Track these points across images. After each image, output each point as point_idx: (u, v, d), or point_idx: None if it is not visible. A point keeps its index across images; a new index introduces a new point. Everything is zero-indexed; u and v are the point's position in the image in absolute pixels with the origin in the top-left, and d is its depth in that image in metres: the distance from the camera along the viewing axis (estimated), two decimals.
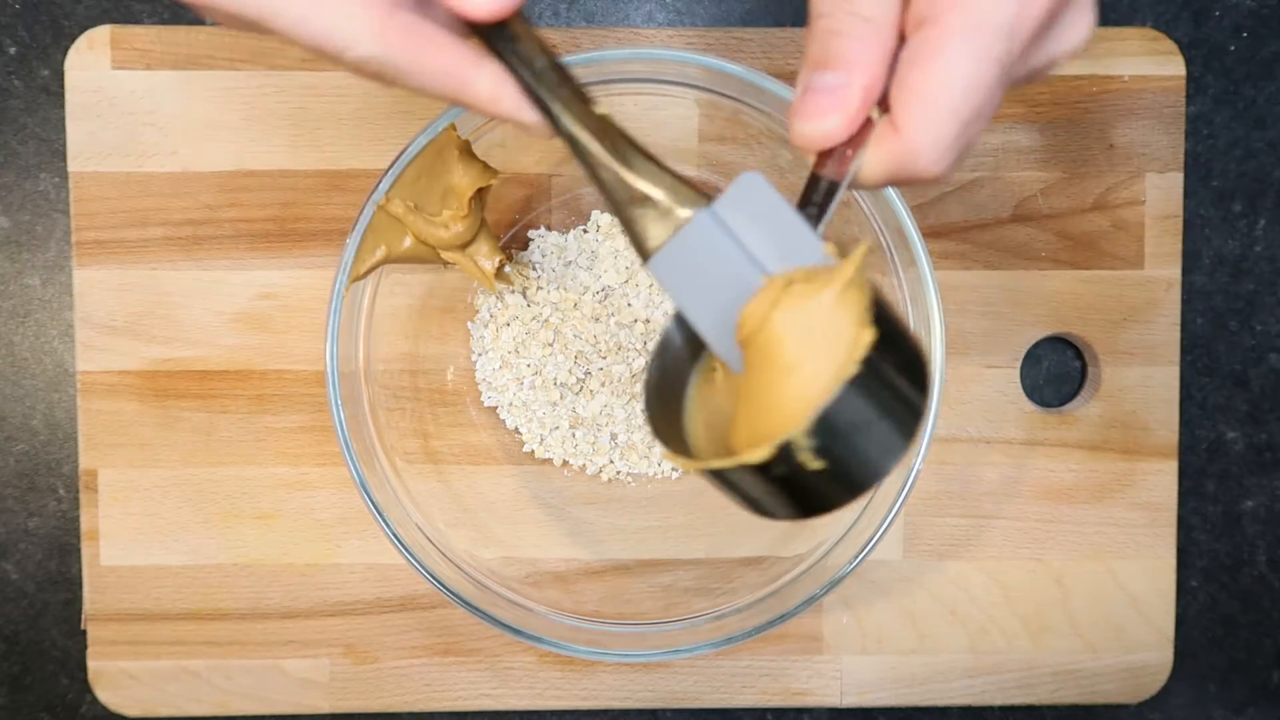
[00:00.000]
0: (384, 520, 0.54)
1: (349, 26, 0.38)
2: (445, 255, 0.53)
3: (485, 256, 0.53)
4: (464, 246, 0.53)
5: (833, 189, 0.38)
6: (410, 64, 0.39)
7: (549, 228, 0.60)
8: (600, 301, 0.59)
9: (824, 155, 0.39)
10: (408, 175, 0.51)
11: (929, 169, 0.37)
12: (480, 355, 0.60)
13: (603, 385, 0.59)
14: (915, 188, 0.46)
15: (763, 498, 0.38)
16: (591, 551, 0.61)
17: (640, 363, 0.59)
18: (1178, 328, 0.61)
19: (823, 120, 0.37)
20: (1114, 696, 0.62)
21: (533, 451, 0.60)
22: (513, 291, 0.59)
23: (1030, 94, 0.60)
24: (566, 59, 0.52)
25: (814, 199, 0.39)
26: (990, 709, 0.63)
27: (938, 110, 0.36)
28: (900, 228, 0.53)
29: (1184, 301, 0.62)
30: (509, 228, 0.60)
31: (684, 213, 0.39)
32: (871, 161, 0.38)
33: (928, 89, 0.36)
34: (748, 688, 0.62)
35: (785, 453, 0.35)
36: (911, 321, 0.55)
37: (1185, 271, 0.62)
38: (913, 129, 0.36)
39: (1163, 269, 0.60)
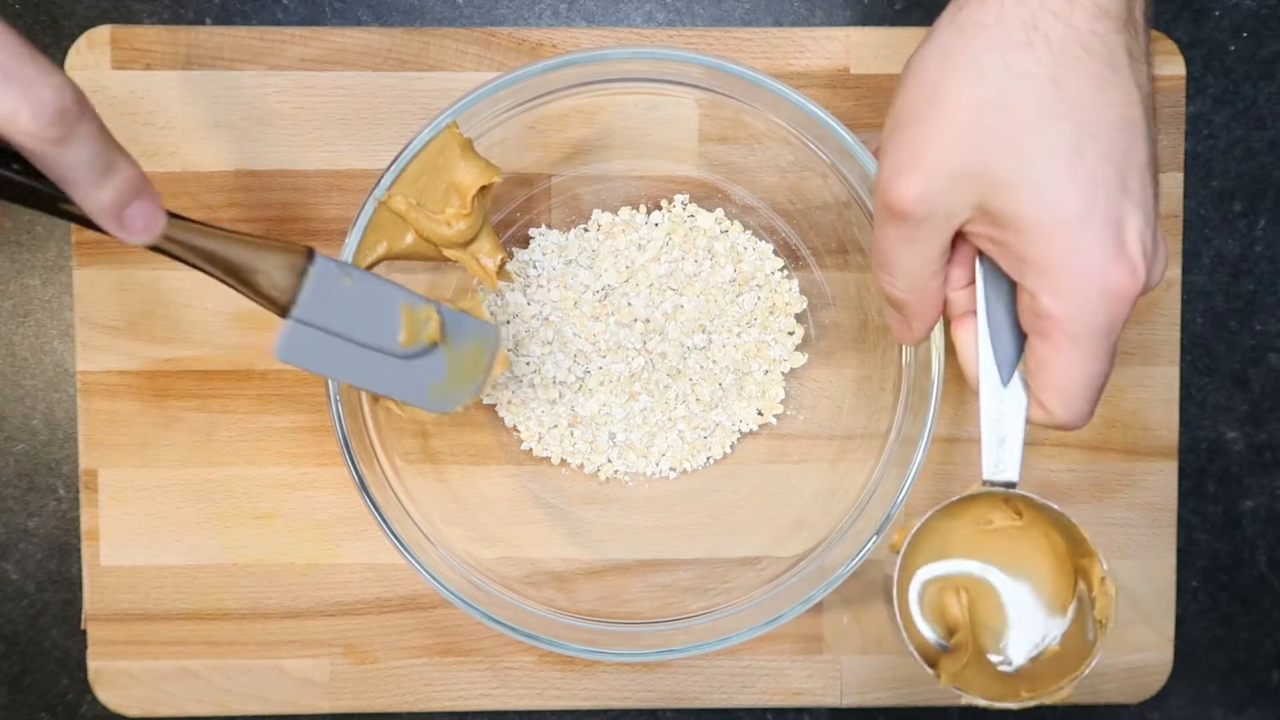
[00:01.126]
0: (383, 519, 0.54)
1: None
2: (448, 253, 0.53)
3: (487, 254, 0.53)
4: (466, 244, 0.53)
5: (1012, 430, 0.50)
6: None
7: (549, 226, 0.60)
8: (600, 300, 0.59)
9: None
10: (410, 172, 0.51)
11: (1078, 427, 0.47)
12: None
13: (602, 384, 0.59)
14: None
15: None
16: (590, 551, 0.61)
17: (640, 361, 0.59)
18: (1178, 328, 0.61)
19: (902, 340, 0.52)
20: (1114, 696, 0.62)
21: (531, 450, 0.60)
22: (513, 289, 0.59)
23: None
24: (564, 59, 0.52)
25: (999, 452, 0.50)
26: (990, 709, 0.63)
27: (1072, 400, 0.46)
28: None
29: (1184, 301, 0.62)
30: (509, 226, 0.60)
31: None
32: (1032, 416, 0.48)
33: (1063, 389, 0.46)
34: (747, 688, 0.62)
35: None
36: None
37: (1185, 271, 0.62)
38: (1060, 414, 0.47)
39: None
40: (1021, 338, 0.48)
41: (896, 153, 0.45)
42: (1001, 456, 0.49)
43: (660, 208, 0.60)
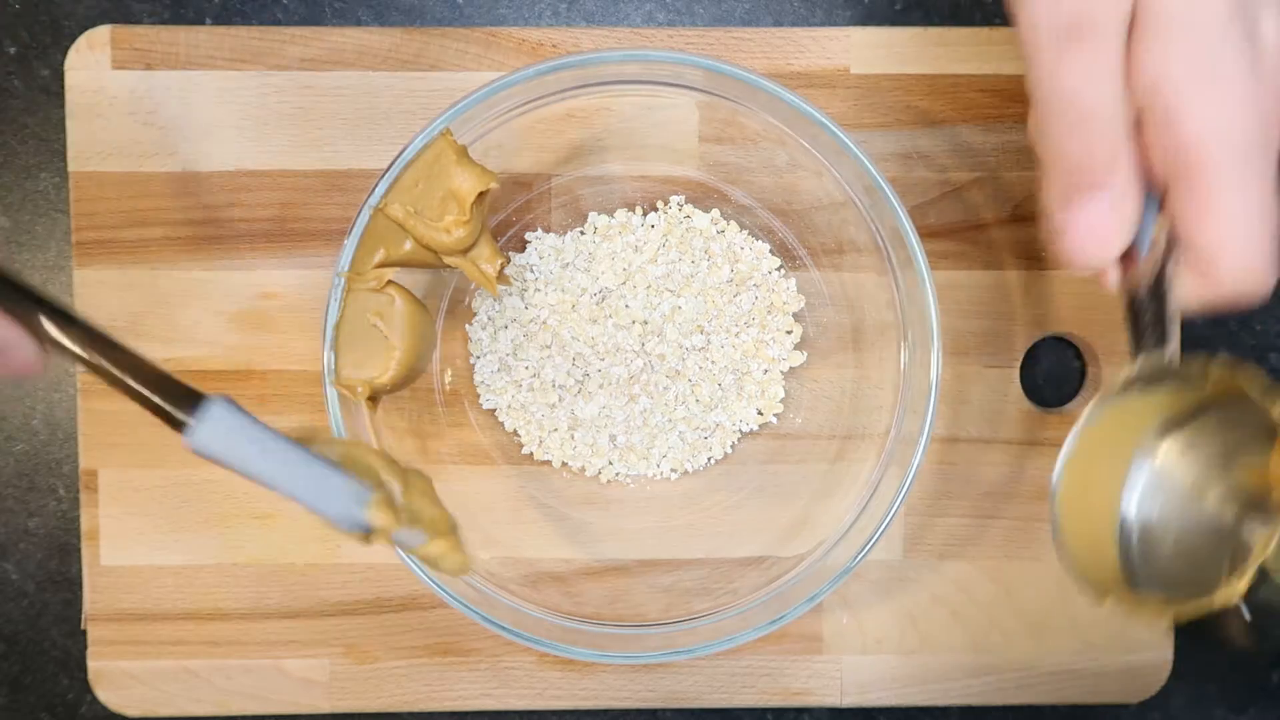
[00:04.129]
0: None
1: None
2: (447, 259, 0.53)
3: (487, 260, 0.53)
4: (466, 251, 0.53)
5: (1160, 307, 0.40)
6: None
7: (546, 230, 0.60)
8: (598, 303, 0.59)
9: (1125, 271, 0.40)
10: (406, 180, 0.51)
11: (1258, 297, 0.38)
12: (478, 357, 0.60)
13: (601, 387, 0.59)
14: None
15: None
16: (590, 552, 0.61)
17: (638, 363, 0.59)
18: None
19: (1103, 244, 0.39)
20: (1114, 696, 0.62)
21: (531, 453, 0.60)
22: (510, 294, 0.59)
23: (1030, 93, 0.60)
24: (560, 62, 0.52)
25: (1145, 323, 0.40)
26: (990, 709, 0.63)
27: (1239, 252, 0.37)
28: (897, 228, 0.53)
29: None
30: (508, 228, 0.60)
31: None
32: (1192, 301, 0.39)
33: (1228, 234, 0.37)
34: (748, 688, 0.62)
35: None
36: (909, 321, 0.55)
37: None
38: (1228, 275, 0.38)
39: None
40: (1153, 213, 0.40)
41: None
42: (1157, 339, 0.41)
43: (657, 209, 0.60)
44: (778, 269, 0.60)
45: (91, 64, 0.59)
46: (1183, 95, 0.37)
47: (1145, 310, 0.40)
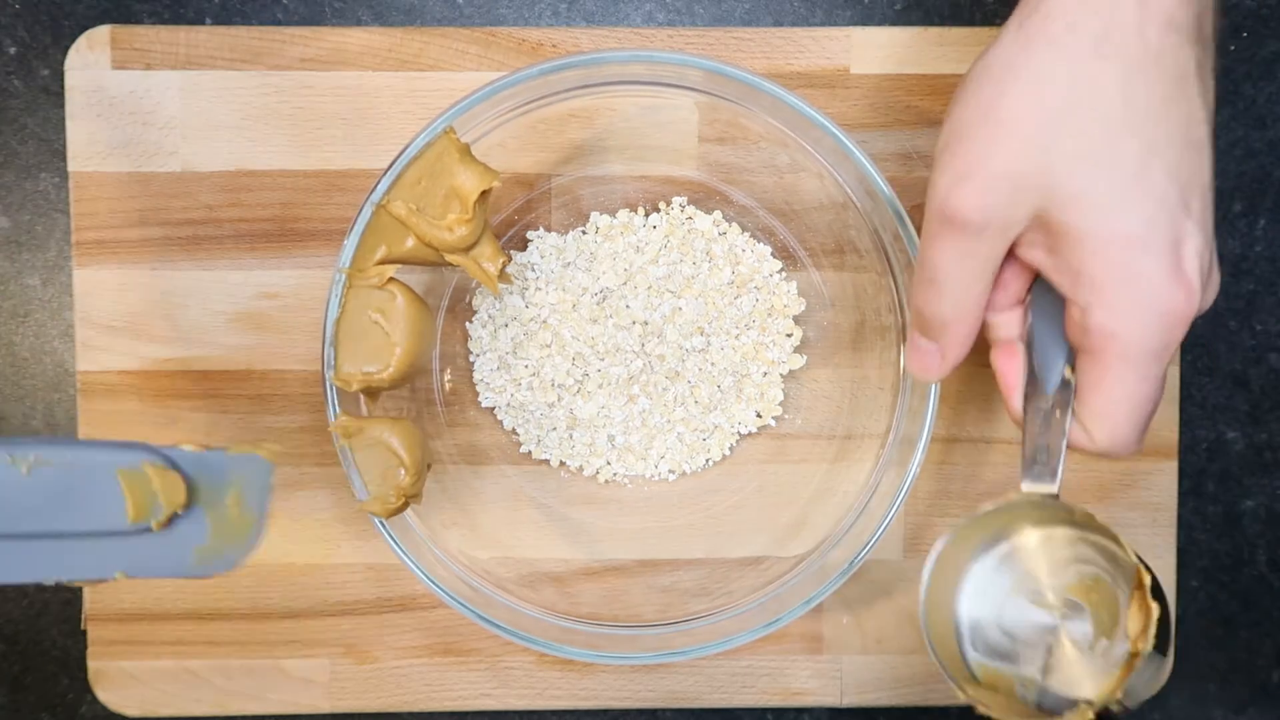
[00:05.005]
0: (379, 520, 0.54)
1: None
2: (449, 257, 0.53)
3: (489, 259, 0.53)
4: (468, 249, 0.53)
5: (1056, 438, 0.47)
6: None
7: (548, 229, 0.60)
8: (598, 303, 0.59)
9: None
10: (409, 178, 0.51)
11: (1122, 455, 0.46)
12: (478, 356, 0.60)
13: (600, 387, 0.59)
14: None
15: None
16: (588, 552, 0.61)
17: (638, 364, 0.59)
18: None
19: (925, 375, 0.48)
20: None
21: (530, 452, 0.60)
22: (511, 292, 0.59)
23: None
24: (562, 62, 0.52)
25: (1038, 450, 0.47)
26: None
27: (1118, 425, 0.44)
28: (897, 229, 0.53)
29: None
30: (509, 228, 0.60)
31: None
32: (1073, 441, 0.46)
33: (1109, 414, 0.44)
34: (748, 688, 0.62)
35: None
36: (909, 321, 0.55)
37: None
38: (1103, 440, 0.45)
39: None
40: (1065, 355, 0.47)
41: (956, 161, 0.43)
42: (1043, 466, 0.47)
43: (659, 210, 0.60)
44: (779, 271, 0.60)
45: (91, 64, 0.59)
46: (1099, 291, 0.43)
47: (1038, 439, 0.47)
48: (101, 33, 0.59)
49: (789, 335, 0.60)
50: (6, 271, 0.61)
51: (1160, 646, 0.47)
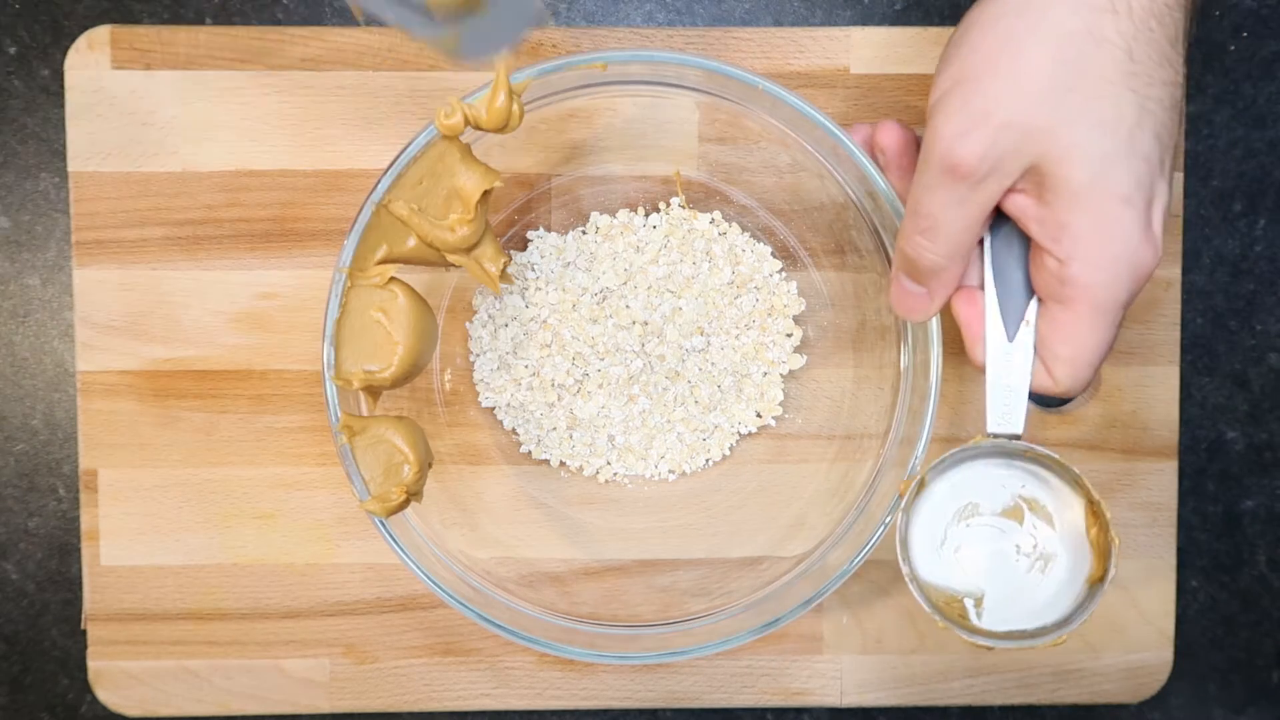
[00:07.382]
0: (380, 520, 0.54)
1: None
2: (450, 258, 0.53)
3: (490, 259, 0.53)
4: (470, 249, 0.53)
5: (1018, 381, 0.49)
6: None
7: (548, 229, 0.60)
8: (598, 303, 0.59)
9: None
10: (410, 178, 0.51)
11: (1076, 395, 0.49)
12: (478, 356, 0.60)
13: (600, 387, 0.59)
14: None
15: None
16: (588, 552, 0.61)
17: (638, 364, 0.59)
18: (1177, 327, 0.61)
19: (912, 316, 0.50)
20: (1114, 696, 0.62)
21: (530, 452, 0.60)
22: (511, 292, 0.59)
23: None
24: (563, 62, 0.52)
25: (999, 397, 0.50)
26: (990, 709, 0.63)
27: (1080, 368, 0.47)
28: (896, 229, 0.53)
29: (1184, 301, 0.62)
30: (509, 227, 0.60)
31: None
32: (1035, 384, 0.49)
33: (1073, 357, 0.47)
34: (748, 688, 0.62)
35: None
36: (910, 323, 0.55)
37: (1185, 271, 0.62)
38: (1065, 381, 0.47)
39: (1162, 268, 0.60)
40: (1028, 298, 0.48)
41: (962, 108, 0.43)
42: (1007, 408, 0.49)
43: (659, 210, 0.60)
44: (779, 271, 0.60)
45: (91, 64, 0.59)
46: (1081, 244, 0.44)
47: (1001, 382, 0.49)
48: (101, 33, 0.59)
49: (789, 335, 0.60)
50: (6, 271, 0.61)
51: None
